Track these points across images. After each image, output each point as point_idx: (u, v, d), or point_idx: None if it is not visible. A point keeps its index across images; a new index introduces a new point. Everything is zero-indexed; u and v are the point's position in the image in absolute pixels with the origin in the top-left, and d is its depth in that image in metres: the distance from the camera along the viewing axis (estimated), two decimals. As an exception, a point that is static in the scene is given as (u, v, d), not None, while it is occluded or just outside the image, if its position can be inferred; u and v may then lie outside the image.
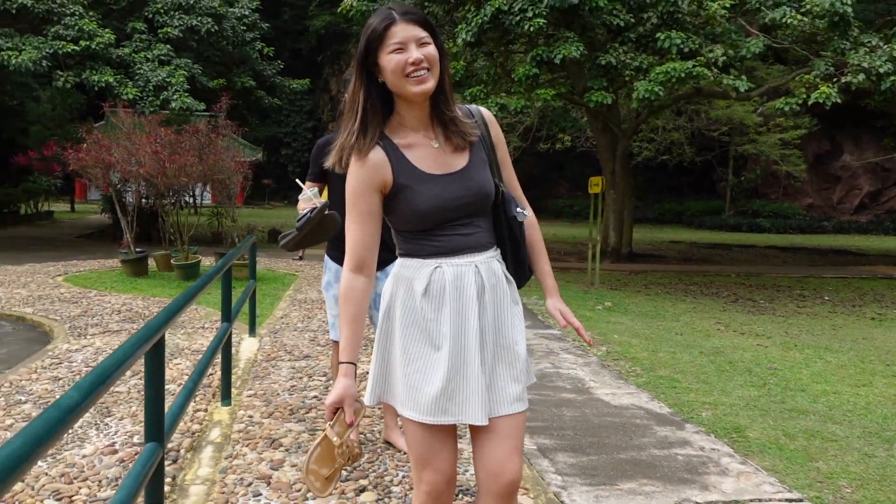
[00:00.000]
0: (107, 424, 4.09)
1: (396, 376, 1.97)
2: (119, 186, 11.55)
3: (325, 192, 3.61)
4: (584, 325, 8.26)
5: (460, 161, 1.96)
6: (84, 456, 3.59)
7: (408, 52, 1.82)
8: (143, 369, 2.39)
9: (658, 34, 10.62)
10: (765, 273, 15.67)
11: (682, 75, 10.10)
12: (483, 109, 2.11)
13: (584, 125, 17.69)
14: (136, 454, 3.56)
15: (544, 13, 10.31)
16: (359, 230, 1.96)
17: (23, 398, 4.53)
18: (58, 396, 4.04)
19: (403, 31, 1.82)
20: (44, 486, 3.23)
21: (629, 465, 3.93)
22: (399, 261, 2.03)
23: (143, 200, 12.34)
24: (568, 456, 4.06)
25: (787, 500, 3.59)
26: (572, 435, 4.43)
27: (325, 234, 3.29)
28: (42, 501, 3.08)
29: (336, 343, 3.60)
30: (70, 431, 3.96)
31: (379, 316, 2.03)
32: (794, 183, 34.27)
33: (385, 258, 2.82)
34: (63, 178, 33.64)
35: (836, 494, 3.78)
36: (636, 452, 4.14)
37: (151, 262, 11.27)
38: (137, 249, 10.87)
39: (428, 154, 1.94)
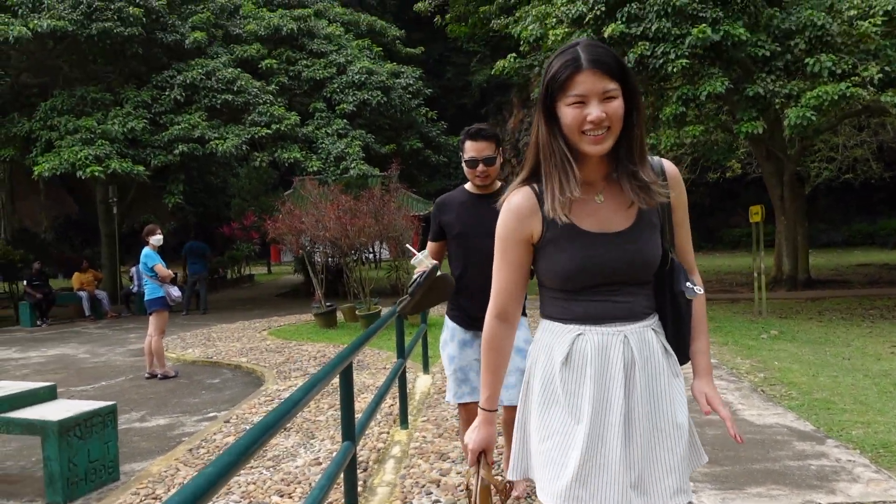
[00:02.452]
0: (312, 445, 5.05)
1: (533, 453, 1.85)
2: (308, 249, 13.09)
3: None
4: (745, 353, 8.37)
5: (624, 221, 1.77)
6: (297, 466, 4.54)
7: (588, 106, 1.64)
8: (338, 402, 3.23)
9: (807, 59, 10.60)
10: (961, 292, 14.57)
11: (836, 97, 10.01)
12: (666, 163, 1.88)
13: (731, 157, 17.40)
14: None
15: (686, 53, 10.68)
16: (503, 278, 1.88)
17: (247, 426, 5.64)
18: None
19: (587, 82, 1.63)
20: (269, 487, 4.18)
21: (761, 474, 4.28)
22: (542, 323, 1.91)
23: (329, 260, 13.84)
24: (703, 467, 4.47)
25: (913, 502, 3.80)
26: (710, 450, 4.80)
27: (439, 296, 3.29)
28: (270, 497, 4.02)
29: (459, 406, 3.57)
30: (285, 448, 4.96)
31: (521, 384, 1.98)
32: None
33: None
34: (261, 244, 37.47)
35: None
36: (770, 463, 4.46)
37: (339, 315, 12.62)
38: (327, 304, 12.26)
39: (588, 208, 1.76)
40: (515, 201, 1.81)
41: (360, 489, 3.77)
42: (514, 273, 1.87)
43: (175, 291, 8.27)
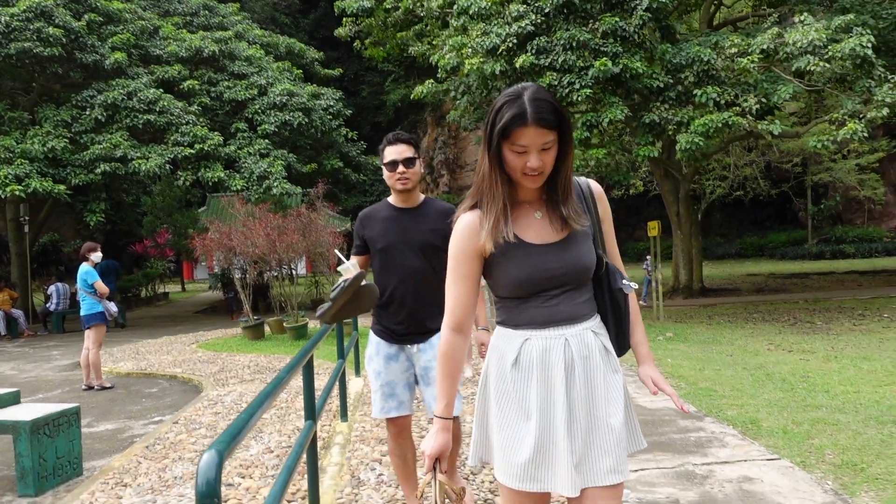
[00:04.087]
0: (261, 438, 5.62)
1: (493, 441, 2.04)
2: (238, 265, 13.48)
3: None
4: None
5: (561, 233, 1.98)
6: (251, 455, 5.12)
7: (529, 156, 1.85)
8: (278, 404, 3.84)
9: (695, 91, 11.84)
10: (833, 297, 16.19)
11: (720, 125, 11.26)
12: (592, 183, 2.13)
13: (632, 177, 18.77)
14: (286, 452, 5.04)
15: (590, 84, 11.74)
16: (458, 292, 2.03)
17: (197, 426, 6.14)
18: (221, 424, 5.60)
19: (530, 136, 1.84)
20: (229, 472, 4.74)
21: (650, 446, 5.12)
22: (496, 329, 2.10)
23: (255, 276, 14.24)
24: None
25: (767, 459, 4.71)
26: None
27: (363, 306, 3.22)
28: (232, 478, 4.59)
29: (387, 421, 3.51)
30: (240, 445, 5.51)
31: (479, 383, 2.11)
32: (876, 207, 33.94)
33: (432, 329, 3.37)
34: (175, 261, 36.91)
35: (817, 458, 4.80)
36: (658, 437, 5.32)
37: (266, 328, 13.05)
38: (254, 317, 12.68)
39: (529, 223, 1.98)
40: (468, 219, 2.00)
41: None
42: (468, 286, 2.02)
43: (112, 307, 8.64)
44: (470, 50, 12.58)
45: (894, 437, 5.20)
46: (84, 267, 8.42)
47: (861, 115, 10.99)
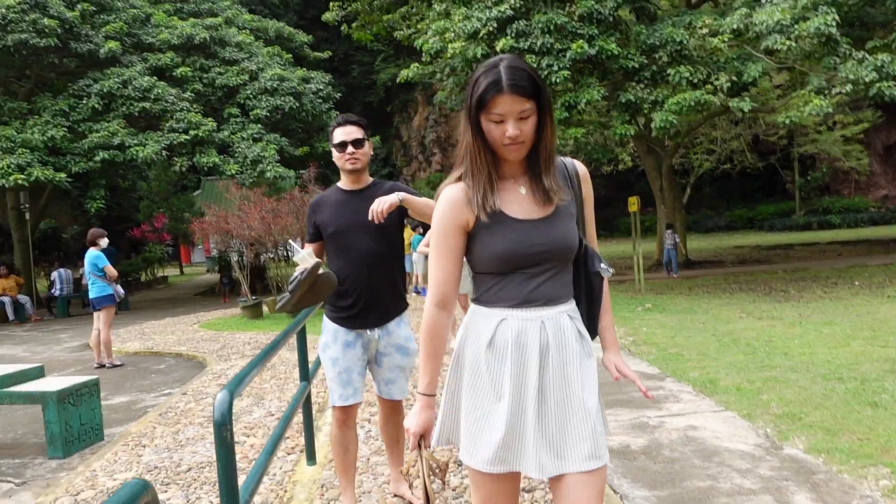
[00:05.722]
0: (263, 404, 6.20)
1: (461, 422, 2.01)
2: (233, 248, 14.03)
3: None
4: (620, 323, 10.01)
5: (546, 209, 1.96)
6: (254, 418, 5.70)
7: (507, 124, 1.84)
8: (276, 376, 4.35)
9: (669, 70, 12.33)
10: (811, 267, 16.79)
11: (693, 103, 11.77)
12: (578, 164, 2.11)
13: (609, 154, 19.26)
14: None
15: (567, 65, 12.22)
16: (443, 267, 2.02)
17: (204, 396, 6.72)
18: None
19: (507, 103, 1.82)
20: (236, 432, 5.32)
21: (612, 402, 5.69)
22: (472, 307, 2.07)
23: (252, 258, 14.80)
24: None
25: (714, 411, 5.29)
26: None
27: (321, 294, 3.18)
28: (238, 438, 5.17)
29: (336, 408, 3.46)
30: (241, 408, 6.09)
31: (451, 361, 2.07)
32: (862, 177, 34.51)
33: (401, 307, 3.49)
34: (172, 245, 37.46)
35: (763, 410, 5.33)
36: (620, 395, 5.90)
37: (264, 308, 13.61)
38: (253, 298, 13.25)
39: (514, 198, 1.96)
40: (451, 193, 1.98)
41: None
42: (452, 261, 2.01)
43: (120, 289, 9.23)
44: (452, 34, 13.02)
45: (835, 391, 5.73)
46: (93, 252, 8.95)
47: (825, 92, 11.49)
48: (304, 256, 3.13)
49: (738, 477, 3.92)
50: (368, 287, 3.36)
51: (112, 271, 8.97)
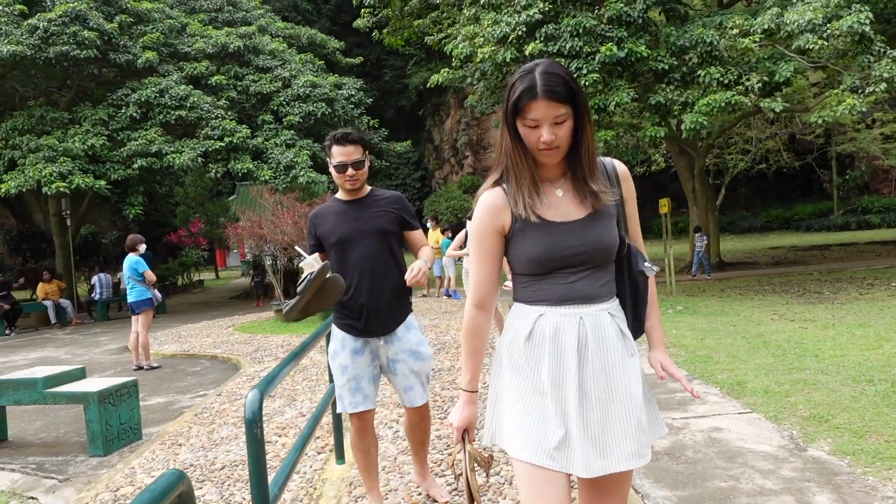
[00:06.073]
0: (294, 405, 6.35)
1: (506, 418, 2.02)
2: (266, 252, 14.28)
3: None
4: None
5: (582, 211, 1.98)
6: (286, 419, 5.85)
7: (542, 129, 1.86)
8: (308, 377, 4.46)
9: (699, 71, 12.27)
10: (848, 268, 16.51)
11: (723, 104, 11.70)
12: (618, 164, 2.12)
13: (642, 156, 19.17)
14: (317, 415, 5.77)
15: (597, 68, 12.24)
16: (481, 270, 2.06)
17: (238, 398, 6.90)
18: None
19: (542, 109, 1.85)
20: (267, 433, 5.47)
21: (637, 403, 5.73)
22: (513, 307, 2.10)
23: (286, 262, 15.05)
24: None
25: (739, 413, 5.30)
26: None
27: (329, 299, 3.14)
28: (270, 437, 5.32)
29: (352, 415, 3.52)
30: (274, 409, 6.25)
31: (493, 361, 2.13)
32: (903, 176, 33.84)
33: (405, 312, 3.53)
34: (208, 249, 38.09)
35: (790, 413, 5.31)
36: (646, 396, 5.93)
37: (298, 311, 13.82)
38: (286, 301, 13.46)
39: (550, 201, 1.98)
40: (489, 198, 2.01)
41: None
42: (490, 264, 2.05)
43: (158, 293, 9.52)
44: (482, 39, 13.12)
45: (864, 393, 5.69)
46: (133, 257, 9.23)
47: (859, 90, 11.35)
48: (311, 261, 3.12)
49: (760, 478, 3.95)
50: (372, 292, 3.38)
51: (151, 276, 9.25)
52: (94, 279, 18.80)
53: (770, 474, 4.00)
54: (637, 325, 2.12)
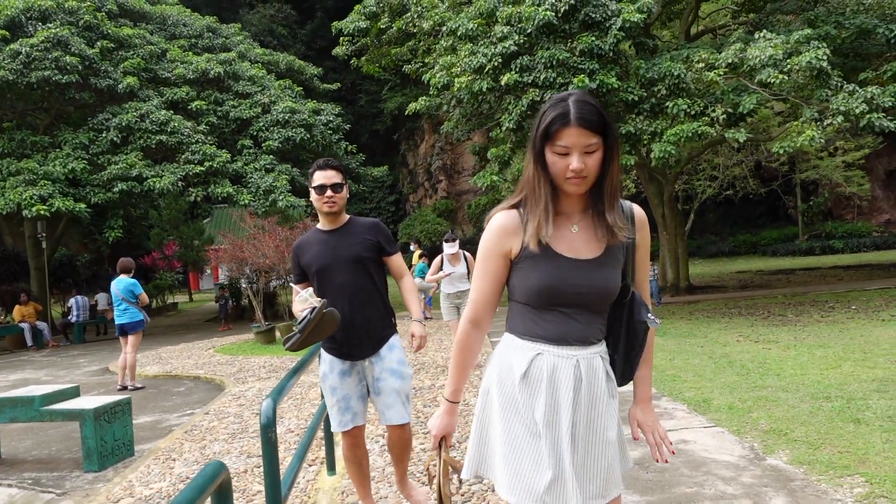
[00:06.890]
0: (282, 422, 6.60)
1: (496, 455, 2.01)
2: (244, 275, 14.51)
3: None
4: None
5: (594, 251, 1.96)
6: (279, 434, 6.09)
7: (571, 157, 1.84)
8: (297, 397, 4.73)
9: (667, 102, 12.80)
10: (811, 291, 17.08)
11: (690, 134, 12.22)
12: (636, 208, 2.09)
13: (630, 177, 19.74)
14: (304, 431, 6.01)
15: (570, 99, 12.69)
16: (480, 288, 2.05)
17: (225, 416, 7.12)
18: (246, 413, 6.58)
19: (573, 136, 1.83)
20: (257, 448, 5.71)
21: (610, 418, 6.06)
22: (505, 337, 2.07)
23: (262, 285, 15.27)
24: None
25: (704, 427, 5.65)
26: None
27: (326, 331, 3.30)
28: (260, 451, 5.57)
29: (344, 433, 3.70)
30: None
31: (480, 393, 2.12)
32: (864, 202, 34.86)
33: (389, 333, 3.68)
34: (182, 272, 37.97)
35: (752, 427, 5.65)
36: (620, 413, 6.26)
37: (277, 333, 14.03)
38: (266, 323, 13.68)
39: (563, 235, 1.96)
40: (501, 220, 1.99)
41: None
42: (491, 284, 2.03)
43: (147, 316, 9.75)
44: (459, 69, 13.55)
45: (822, 409, 6.05)
46: (127, 279, 9.45)
47: (818, 122, 11.94)
48: (306, 297, 3.28)
49: (722, 484, 4.30)
50: (352, 318, 3.54)
51: (145, 298, 9.51)
52: (72, 301, 18.83)
53: (731, 481, 4.34)
54: (627, 373, 2.13)
